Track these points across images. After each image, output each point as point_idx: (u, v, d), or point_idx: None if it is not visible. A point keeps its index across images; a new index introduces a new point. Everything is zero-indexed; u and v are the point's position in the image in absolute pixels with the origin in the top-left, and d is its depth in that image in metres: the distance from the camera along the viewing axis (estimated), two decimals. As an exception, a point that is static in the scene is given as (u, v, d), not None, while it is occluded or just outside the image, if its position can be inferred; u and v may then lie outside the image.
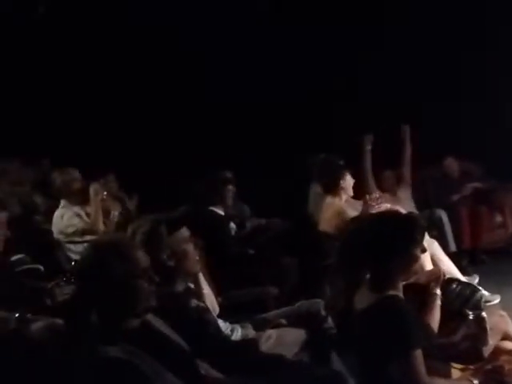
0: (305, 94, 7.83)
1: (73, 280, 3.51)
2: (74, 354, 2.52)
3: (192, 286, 3.50)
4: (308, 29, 7.72)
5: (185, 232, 3.44)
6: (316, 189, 5.98)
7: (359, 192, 5.58)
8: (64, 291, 3.54)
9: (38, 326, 3.10)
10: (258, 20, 7.75)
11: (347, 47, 7.68)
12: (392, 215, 3.22)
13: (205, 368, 2.76)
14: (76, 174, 5.58)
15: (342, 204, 5.39)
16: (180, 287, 3.28)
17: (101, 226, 5.37)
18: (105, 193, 5.46)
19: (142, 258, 2.52)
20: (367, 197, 5.18)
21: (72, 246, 5.26)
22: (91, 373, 2.38)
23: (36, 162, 7.05)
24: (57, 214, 5.41)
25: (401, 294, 2.84)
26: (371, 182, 6.05)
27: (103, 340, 2.40)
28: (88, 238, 5.29)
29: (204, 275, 3.75)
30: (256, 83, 7.58)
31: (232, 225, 5.78)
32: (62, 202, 5.42)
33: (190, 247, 3.40)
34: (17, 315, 3.31)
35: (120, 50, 7.89)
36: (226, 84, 7.64)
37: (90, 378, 2.39)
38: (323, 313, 3.89)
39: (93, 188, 5.41)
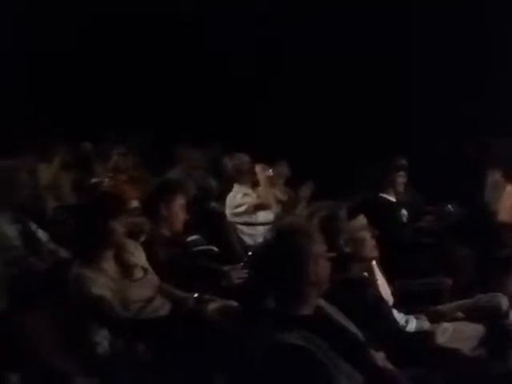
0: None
1: (249, 264, 3.57)
2: (249, 338, 2.54)
3: (366, 274, 3.41)
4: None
5: (362, 219, 3.39)
6: (495, 176, 5.67)
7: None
8: (240, 274, 3.60)
9: (213, 307, 3.17)
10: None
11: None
12: None
13: (380, 359, 2.68)
14: (246, 158, 5.70)
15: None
16: (355, 275, 3.21)
17: (272, 202, 5.47)
18: (270, 170, 5.54)
19: (322, 243, 2.49)
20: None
21: (245, 228, 5.38)
22: (267, 358, 2.38)
23: (208, 147, 7.27)
24: (230, 196, 5.58)
25: None
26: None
27: (279, 326, 2.40)
28: (260, 216, 5.41)
29: (377, 264, 3.66)
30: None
31: (404, 212, 5.61)
32: (235, 186, 5.57)
33: (367, 235, 3.35)
34: (196, 295, 3.41)
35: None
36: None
37: (265, 363, 2.39)
38: (504, 308, 3.67)
39: (259, 166, 5.54)
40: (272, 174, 5.61)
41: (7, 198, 4.23)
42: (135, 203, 4.44)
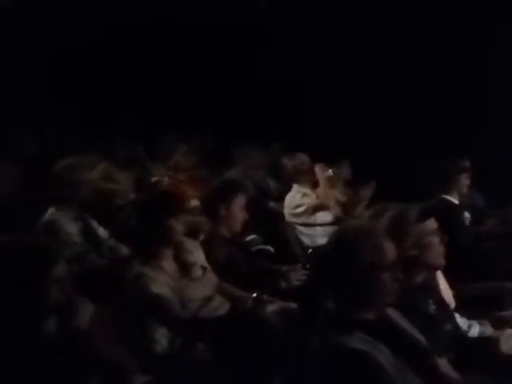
0: None
1: (308, 266, 3.53)
2: (308, 340, 2.51)
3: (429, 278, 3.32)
4: None
5: (433, 223, 3.21)
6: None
7: None
8: (299, 275, 3.57)
9: (272, 308, 3.15)
10: None
11: None
12: None
13: (443, 365, 2.62)
14: (305, 158, 5.67)
15: None
16: (419, 279, 3.12)
17: (331, 202, 5.42)
18: (330, 170, 5.49)
19: (391, 250, 2.43)
20: None
21: (303, 229, 5.35)
22: (326, 361, 2.34)
23: (267, 147, 7.26)
24: (288, 196, 5.56)
25: None
26: None
27: (339, 329, 2.36)
28: (319, 217, 5.37)
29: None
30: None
31: (466, 215, 5.48)
32: (294, 187, 5.54)
33: (435, 240, 3.16)
34: (254, 295, 3.40)
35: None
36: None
37: (324, 367, 2.36)
38: None
39: (318, 166, 5.51)
40: (332, 174, 5.56)
41: (69, 196, 4.30)
42: (195, 202, 4.46)
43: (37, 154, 6.34)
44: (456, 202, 5.27)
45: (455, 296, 3.77)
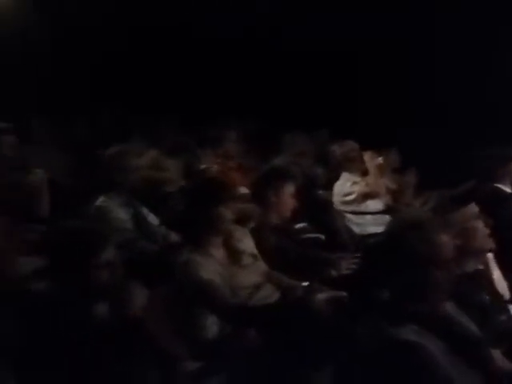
0: None
1: (359, 254, 3.49)
2: (358, 330, 2.48)
3: (481, 267, 3.26)
4: None
5: (473, 208, 3.17)
6: None
7: None
8: (349, 264, 3.53)
9: (322, 296, 3.12)
10: None
11: None
12: None
13: (498, 357, 2.57)
14: (354, 145, 5.62)
15: None
16: (469, 268, 3.06)
17: (381, 190, 5.36)
18: (380, 158, 5.43)
19: (447, 246, 2.38)
20: None
21: (353, 217, 5.31)
22: (378, 352, 2.32)
23: (315, 133, 7.21)
24: (337, 184, 5.51)
25: None
26: None
27: (391, 319, 2.33)
28: (369, 205, 5.32)
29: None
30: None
31: (519, 203, 5.36)
32: (343, 175, 5.49)
33: (479, 224, 3.12)
34: (304, 284, 3.38)
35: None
36: None
37: (375, 357, 2.33)
38: None
39: (368, 154, 5.45)
40: (381, 161, 5.49)
41: (119, 183, 4.34)
42: (243, 190, 4.46)
43: (87, 141, 6.42)
44: (508, 190, 5.16)
45: (510, 287, 3.69)
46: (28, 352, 2.56)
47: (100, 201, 4.26)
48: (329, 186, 5.73)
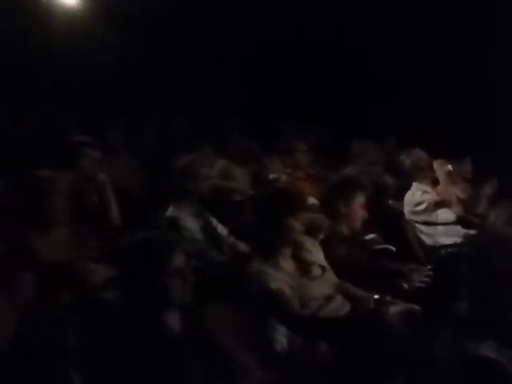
0: None
1: (430, 266, 3.42)
2: (433, 345, 2.41)
3: None
4: None
5: None
6: None
7: None
8: (422, 277, 3.44)
9: (395, 309, 3.06)
10: None
11: None
12: None
13: None
14: (422, 154, 5.52)
15: None
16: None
17: (453, 198, 5.24)
18: (449, 166, 5.31)
19: None
20: None
21: (424, 228, 5.20)
22: (454, 368, 2.24)
23: (384, 142, 7.12)
24: (408, 193, 5.42)
25: None
26: None
27: (468, 335, 2.25)
28: (441, 215, 5.21)
29: None
30: None
31: None
32: (414, 185, 5.40)
33: None
34: (376, 296, 3.32)
35: None
36: None
37: (451, 374, 2.26)
38: None
39: (437, 162, 5.36)
40: (451, 169, 5.36)
41: (190, 192, 4.38)
42: (312, 200, 4.43)
43: (158, 151, 6.51)
44: None
45: None
46: (98, 361, 2.59)
47: (170, 210, 4.31)
48: (399, 196, 5.64)
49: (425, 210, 5.21)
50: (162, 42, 8.30)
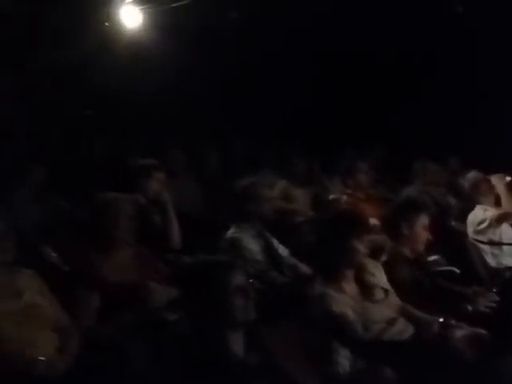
0: None
1: (495, 290, 3.35)
2: (501, 371, 2.37)
3: None
4: None
5: None
6: None
7: None
8: (487, 301, 3.37)
9: (461, 333, 3.01)
10: None
11: None
12: None
13: None
14: (479, 175, 5.44)
15: None
16: None
17: None
18: (508, 178, 5.19)
19: None
20: None
21: (488, 248, 5.09)
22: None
23: (446, 161, 7.03)
24: (471, 214, 5.33)
25: None
26: None
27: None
28: (505, 234, 5.10)
29: None
30: None
31: None
32: (477, 207, 5.30)
33: None
34: (441, 320, 3.26)
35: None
36: None
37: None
38: None
39: (495, 177, 5.26)
40: (510, 180, 5.24)
41: (252, 213, 4.40)
42: (373, 221, 4.40)
43: (219, 172, 6.57)
44: None
45: None
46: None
47: (232, 232, 4.33)
48: (462, 217, 5.54)
49: (488, 227, 5.11)
50: (225, 65, 8.38)
